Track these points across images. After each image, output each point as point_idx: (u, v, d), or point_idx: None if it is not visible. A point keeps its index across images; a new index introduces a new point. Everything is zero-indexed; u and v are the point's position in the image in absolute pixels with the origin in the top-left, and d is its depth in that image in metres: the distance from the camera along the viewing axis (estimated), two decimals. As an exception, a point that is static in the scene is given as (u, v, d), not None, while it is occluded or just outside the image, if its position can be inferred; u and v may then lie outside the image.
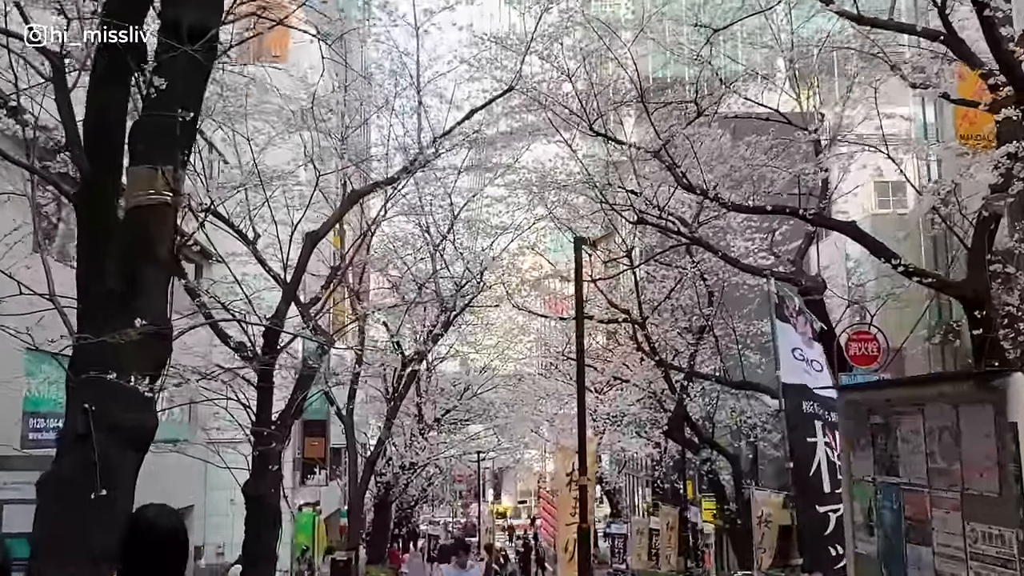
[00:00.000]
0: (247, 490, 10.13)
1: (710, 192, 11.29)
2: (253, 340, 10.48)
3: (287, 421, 10.64)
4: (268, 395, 10.21)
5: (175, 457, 12.79)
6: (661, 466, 25.32)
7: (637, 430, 26.79)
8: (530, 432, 35.36)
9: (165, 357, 5.24)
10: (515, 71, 11.43)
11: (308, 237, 10.63)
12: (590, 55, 12.40)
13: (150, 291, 5.16)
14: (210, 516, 22.45)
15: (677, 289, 19.58)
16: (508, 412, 30.09)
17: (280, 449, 10.48)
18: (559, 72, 12.67)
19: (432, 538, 46.70)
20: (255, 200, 11.81)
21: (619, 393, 26.00)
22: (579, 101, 12.77)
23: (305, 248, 10.55)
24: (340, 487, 31.06)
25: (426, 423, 25.81)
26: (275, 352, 10.19)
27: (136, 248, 5.31)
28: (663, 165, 12.18)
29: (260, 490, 10.05)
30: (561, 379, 30.74)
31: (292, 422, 10.79)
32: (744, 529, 19.93)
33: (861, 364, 11.52)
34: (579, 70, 12.67)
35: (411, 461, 25.41)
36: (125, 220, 5.45)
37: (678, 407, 19.84)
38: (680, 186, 11.97)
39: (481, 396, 29.32)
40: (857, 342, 11.63)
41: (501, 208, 19.40)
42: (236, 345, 10.74)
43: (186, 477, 19.33)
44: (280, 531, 10.46)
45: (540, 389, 31.38)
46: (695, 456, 20.91)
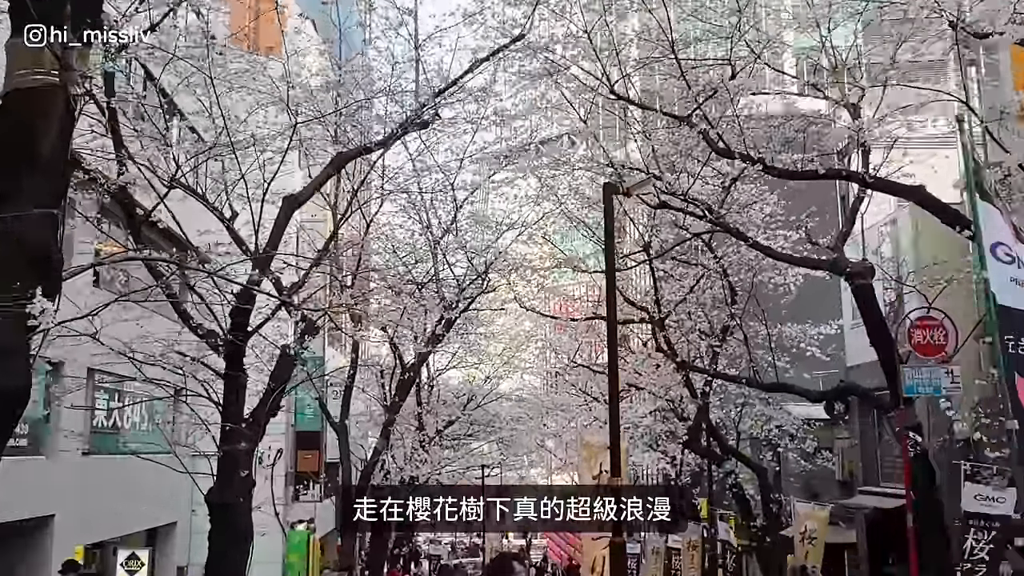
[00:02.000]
0: (211, 498, 8.56)
1: (754, 155, 9.74)
2: (224, 325, 8.95)
3: (260, 418, 9.07)
4: (237, 384, 8.66)
5: (155, 471, 11.35)
6: (678, 481, 23.64)
7: (650, 443, 25.22)
8: (537, 446, 33.96)
9: (49, 292, 3.71)
10: (525, 19, 9.94)
11: (286, 200, 9.10)
12: (610, 6, 10.94)
13: (23, 197, 3.65)
14: (196, 534, 20.75)
15: (697, 288, 18.08)
16: (514, 425, 28.70)
17: (250, 449, 8.91)
18: (575, 27, 11.20)
19: (434, 559, 45.02)
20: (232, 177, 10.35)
21: (629, 405, 24.47)
22: (598, 60, 11.30)
23: (282, 211, 9.03)
24: (336, 504, 29.44)
25: (427, 435, 24.28)
26: (244, 332, 8.65)
27: (11, 142, 3.84)
28: (695, 131, 10.67)
29: (226, 498, 8.48)
30: (570, 390, 29.39)
31: (267, 419, 9.23)
32: (772, 547, 18.32)
33: (927, 354, 9.97)
34: (597, 24, 11.20)
35: (411, 475, 23.86)
36: (2, 106, 4.02)
37: (700, 414, 18.26)
38: (715, 151, 10.46)
39: (485, 407, 27.98)
40: (922, 329, 10.07)
41: (507, 196, 18.13)
42: (205, 332, 9.21)
43: (169, 493, 17.94)
44: (251, 548, 8.86)
45: (548, 401, 29.96)
46: (718, 468, 19.21)
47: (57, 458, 14.21)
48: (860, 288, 12.18)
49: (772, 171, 10.14)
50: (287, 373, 9.57)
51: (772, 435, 19.90)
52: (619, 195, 9.66)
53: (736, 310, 17.27)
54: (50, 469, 14.13)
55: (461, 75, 9.72)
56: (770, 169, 10.07)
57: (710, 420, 18.48)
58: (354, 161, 15.42)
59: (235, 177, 10.40)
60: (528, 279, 19.03)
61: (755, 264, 17.05)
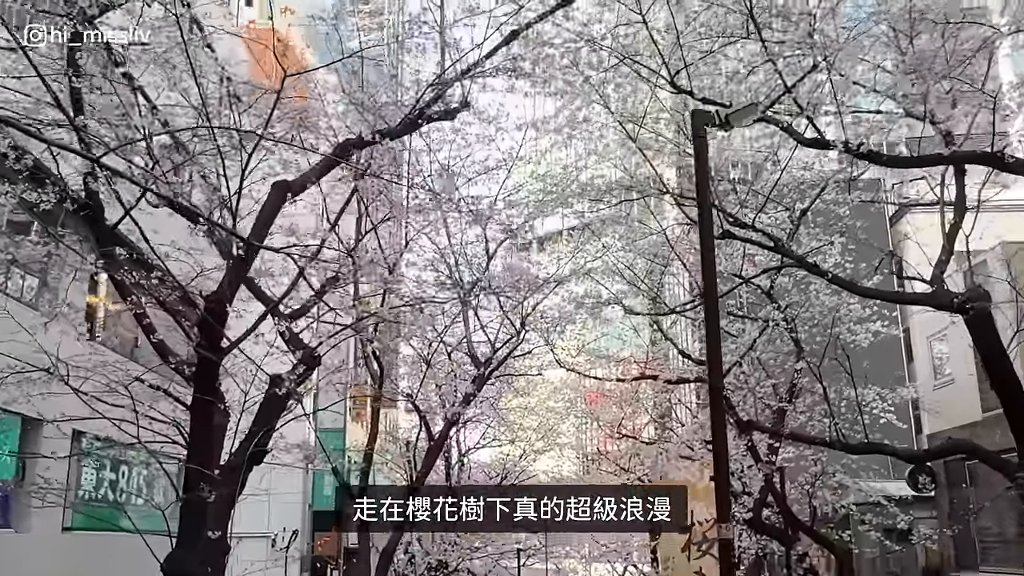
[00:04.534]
0: (169, 567, 6.53)
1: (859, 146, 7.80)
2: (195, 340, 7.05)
3: (239, 465, 7.09)
4: (206, 413, 6.72)
5: (126, 542, 9.40)
6: (739, 567, 20.97)
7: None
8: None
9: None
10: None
11: (275, 186, 7.29)
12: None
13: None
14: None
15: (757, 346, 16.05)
16: (552, 506, 26.41)
17: (225, 503, 6.90)
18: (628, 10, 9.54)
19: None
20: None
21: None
22: (655, 47, 9.58)
23: (271, 199, 7.21)
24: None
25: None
26: (218, 350, 6.75)
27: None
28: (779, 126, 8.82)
29: (188, 567, 6.44)
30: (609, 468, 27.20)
31: (250, 467, 7.26)
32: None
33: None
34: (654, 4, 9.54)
35: (439, 560, 21.56)
36: None
37: (767, 485, 15.92)
38: (802, 143, 8.58)
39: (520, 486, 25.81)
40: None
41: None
42: (177, 361, 7.33)
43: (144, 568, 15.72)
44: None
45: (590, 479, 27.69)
46: (792, 551, 16.63)
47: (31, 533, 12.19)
48: (977, 319, 10.11)
49: (877, 158, 8.21)
50: (277, 410, 7.63)
51: (851, 513, 17.37)
52: (714, 127, 7.76)
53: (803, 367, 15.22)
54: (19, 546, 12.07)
55: (496, 47, 7.98)
56: (877, 158, 8.14)
57: (779, 491, 16.09)
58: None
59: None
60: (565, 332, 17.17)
61: (822, 318, 15.12)
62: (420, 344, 18.67)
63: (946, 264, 11.09)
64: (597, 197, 13.69)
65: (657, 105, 11.89)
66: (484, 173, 14.66)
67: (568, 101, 11.50)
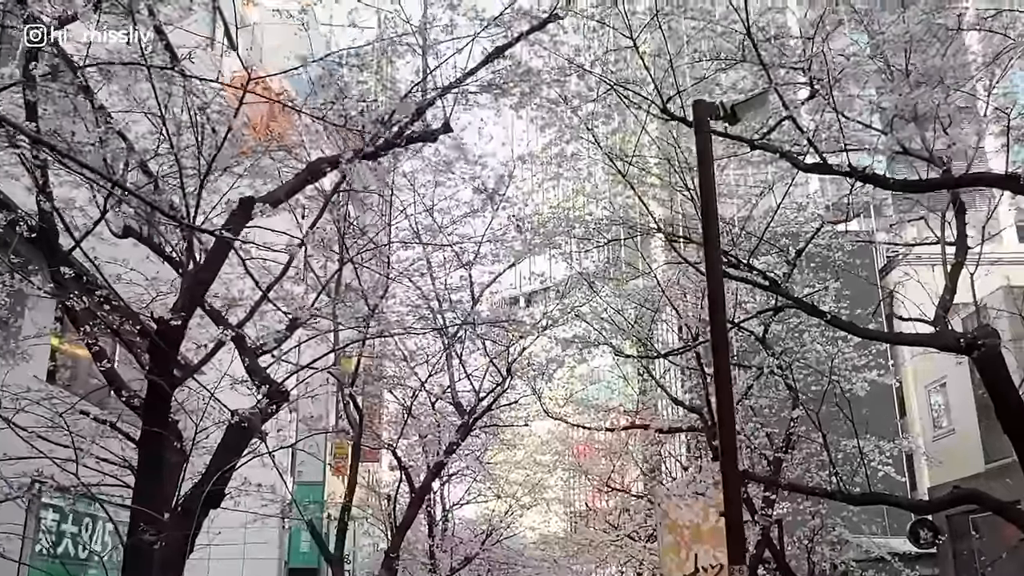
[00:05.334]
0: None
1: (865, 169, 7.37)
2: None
3: (194, 506, 6.41)
4: (156, 448, 6.07)
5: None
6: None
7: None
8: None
9: None
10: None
11: (242, 202, 6.71)
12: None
13: None
14: None
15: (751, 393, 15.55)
16: (539, 563, 25.46)
17: (177, 549, 6.20)
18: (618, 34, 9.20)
19: None
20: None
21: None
22: (647, 70, 9.21)
23: (235, 216, 6.61)
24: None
25: (440, 575, 21.18)
26: (170, 375, 6.13)
27: None
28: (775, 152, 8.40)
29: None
30: (598, 525, 26.38)
31: (205, 511, 6.58)
32: None
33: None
34: (645, 29, 9.19)
35: (423, 619, 20.60)
36: None
37: (763, 540, 15.22)
38: (802, 170, 8.15)
39: (506, 544, 24.89)
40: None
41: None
42: (129, 395, 6.70)
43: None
44: None
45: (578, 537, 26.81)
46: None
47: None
48: (986, 359, 9.60)
49: (885, 182, 7.77)
50: (238, 449, 6.97)
51: (851, 569, 16.62)
52: (719, 119, 7.26)
53: (800, 415, 14.67)
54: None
55: (480, 64, 7.55)
56: (882, 181, 7.70)
57: (776, 545, 15.38)
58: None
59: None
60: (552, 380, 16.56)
61: (818, 365, 14.64)
62: (402, 394, 18.06)
63: (950, 303, 10.61)
64: (586, 236, 13.26)
65: (647, 139, 11.54)
66: (469, 214, 14.30)
67: (557, 136, 11.16)
